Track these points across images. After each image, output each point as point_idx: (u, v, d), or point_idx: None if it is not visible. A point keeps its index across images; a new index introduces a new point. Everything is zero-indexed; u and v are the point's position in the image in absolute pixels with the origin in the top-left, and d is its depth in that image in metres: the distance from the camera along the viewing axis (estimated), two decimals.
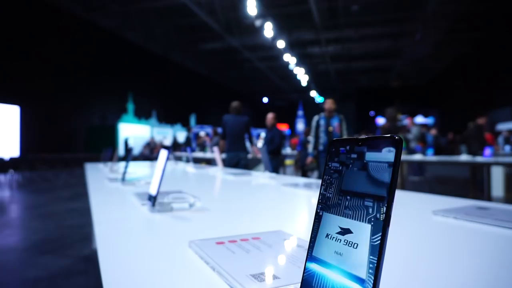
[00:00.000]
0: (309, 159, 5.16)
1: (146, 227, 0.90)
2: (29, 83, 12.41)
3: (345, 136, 4.45)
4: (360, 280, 0.27)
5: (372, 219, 0.28)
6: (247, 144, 4.89)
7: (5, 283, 2.40)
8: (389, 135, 0.29)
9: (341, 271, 0.29)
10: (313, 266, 0.33)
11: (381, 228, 0.27)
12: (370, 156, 0.30)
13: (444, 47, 16.56)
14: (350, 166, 0.32)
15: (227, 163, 4.60)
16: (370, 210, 0.28)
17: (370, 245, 0.27)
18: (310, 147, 5.13)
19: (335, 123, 4.90)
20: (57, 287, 2.35)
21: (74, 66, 14.21)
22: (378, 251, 0.26)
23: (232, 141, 4.69)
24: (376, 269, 0.26)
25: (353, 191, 0.31)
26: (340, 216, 0.32)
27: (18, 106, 12.09)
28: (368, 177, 0.29)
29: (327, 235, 0.32)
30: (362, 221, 0.29)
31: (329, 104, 4.96)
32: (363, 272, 0.27)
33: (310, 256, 0.34)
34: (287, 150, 10.76)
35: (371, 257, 0.27)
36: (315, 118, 5.06)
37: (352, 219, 0.30)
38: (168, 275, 0.53)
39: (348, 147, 0.33)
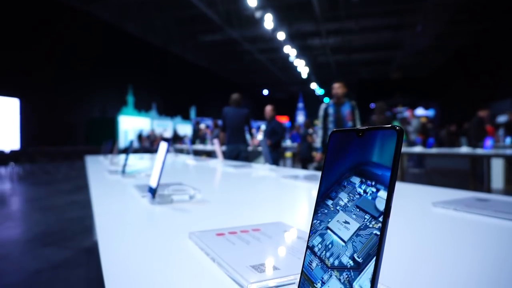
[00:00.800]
0: (318, 156, 4.44)
1: (146, 219, 0.90)
2: (29, 75, 12.36)
3: (358, 126, 3.86)
4: (360, 271, 0.27)
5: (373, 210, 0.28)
6: (247, 136, 4.88)
7: (7, 274, 2.42)
8: (389, 125, 0.28)
9: (340, 262, 0.29)
10: (313, 257, 0.33)
11: (382, 219, 0.26)
12: None
13: (445, 38, 16.45)
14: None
15: (227, 156, 4.60)
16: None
17: (370, 236, 0.27)
18: (317, 141, 4.43)
19: (346, 111, 4.17)
20: (58, 278, 2.37)
21: (74, 59, 14.15)
22: (378, 243, 0.26)
23: (232, 133, 4.69)
24: (376, 260, 0.26)
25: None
26: (340, 206, 0.32)
27: (17, 99, 12.06)
28: None
29: (327, 227, 0.32)
30: (362, 212, 0.29)
31: (338, 88, 4.16)
32: (363, 262, 0.27)
33: (310, 247, 0.33)
34: (287, 143, 10.76)
35: (371, 248, 0.27)
36: (323, 106, 4.35)
37: (352, 210, 0.30)
38: (168, 266, 0.53)
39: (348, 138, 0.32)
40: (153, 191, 1.02)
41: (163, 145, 1.05)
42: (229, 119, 4.73)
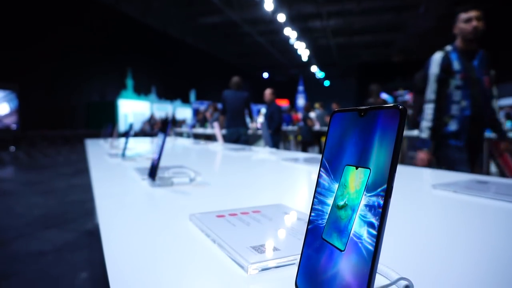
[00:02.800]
0: (422, 155, 2.35)
1: (147, 201, 0.90)
2: (28, 60, 12.25)
3: (495, 94, 2.42)
4: (361, 248, 0.27)
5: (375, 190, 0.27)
6: (247, 119, 4.87)
7: (10, 256, 2.45)
8: (392, 104, 0.28)
9: (341, 242, 0.29)
10: (313, 237, 0.33)
11: (383, 199, 0.26)
12: None
13: (448, 20, 16.18)
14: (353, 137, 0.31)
15: (227, 139, 4.60)
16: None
17: (372, 215, 0.27)
18: (424, 126, 2.36)
19: (480, 67, 2.35)
20: (61, 260, 2.40)
21: (72, 42, 13.99)
22: (379, 223, 0.26)
23: (232, 117, 4.67)
24: (377, 239, 0.26)
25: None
26: (342, 186, 0.31)
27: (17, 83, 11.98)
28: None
29: (329, 206, 0.32)
30: (364, 191, 0.29)
31: (477, 20, 2.34)
32: (364, 241, 0.27)
33: (311, 226, 0.34)
34: (288, 127, 10.74)
35: (372, 227, 0.27)
36: (436, 58, 2.46)
37: (354, 189, 0.30)
38: (169, 248, 0.53)
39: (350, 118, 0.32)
40: (153, 174, 1.02)
41: (163, 127, 1.05)
42: (229, 103, 4.70)
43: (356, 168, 0.31)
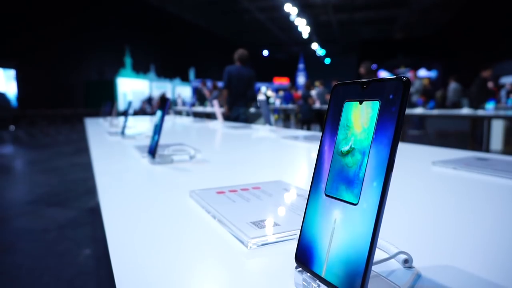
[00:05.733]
0: None
1: (147, 178, 0.91)
2: (26, 38, 12.06)
3: None
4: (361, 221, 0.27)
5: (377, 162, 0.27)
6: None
7: (14, 234, 2.49)
8: (395, 76, 0.27)
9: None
10: (315, 199, 0.33)
11: (385, 172, 0.26)
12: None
13: None
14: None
15: (227, 117, 4.53)
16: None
17: (373, 189, 0.27)
18: None
19: None
20: (64, 237, 2.44)
21: (69, 21, 13.73)
22: (380, 196, 0.26)
23: (235, 95, 4.46)
24: (377, 215, 0.26)
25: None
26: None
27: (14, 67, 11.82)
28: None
29: (331, 174, 0.32)
30: (366, 165, 0.28)
31: None
32: (364, 216, 0.27)
33: (311, 189, 0.33)
34: (288, 105, 10.67)
35: (373, 201, 0.26)
36: None
37: (356, 163, 0.29)
38: (170, 224, 0.54)
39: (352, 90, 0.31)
40: (153, 151, 1.02)
41: (162, 103, 1.04)
42: (233, 81, 4.38)
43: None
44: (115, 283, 0.35)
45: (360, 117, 0.28)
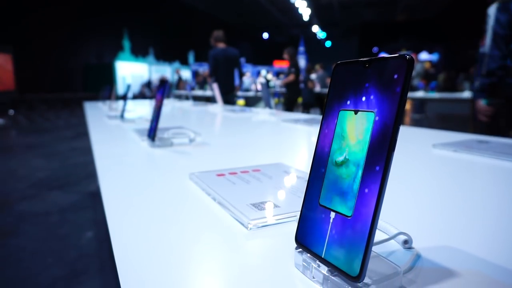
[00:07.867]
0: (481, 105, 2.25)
1: (147, 161, 0.91)
2: (23, 23, 11.89)
3: None
4: (362, 203, 0.27)
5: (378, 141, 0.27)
6: (236, 81, 4.54)
7: (16, 216, 2.51)
8: (397, 54, 0.26)
9: (347, 206, 0.29)
10: (309, 203, 0.33)
11: (386, 152, 0.26)
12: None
13: None
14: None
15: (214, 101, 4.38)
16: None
17: (374, 169, 0.26)
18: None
19: None
20: (66, 220, 2.46)
21: (66, 3, 13.50)
22: (381, 176, 0.25)
23: (222, 79, 4.30)
24: (379, 194, 0.25)
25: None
26: (338, 137, 0.30)
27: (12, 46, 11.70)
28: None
29: (331, 161, 0.31)
30: (367, 145, 0.28)
31: None
32: (365, 196, 0.27)
33: (307, 192, 0.33)
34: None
35: (374, 182, 0.26)
36: None
37: (357, 143, 0.29)
38: (170, 206, 0.54)
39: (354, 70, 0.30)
40: (152, 134, 1.02)
41: (161, 86, 1.03)
42: (221, 64, 4.25)
43: (356, 113, 0.29)
44: (116, 264, 0.35)
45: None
